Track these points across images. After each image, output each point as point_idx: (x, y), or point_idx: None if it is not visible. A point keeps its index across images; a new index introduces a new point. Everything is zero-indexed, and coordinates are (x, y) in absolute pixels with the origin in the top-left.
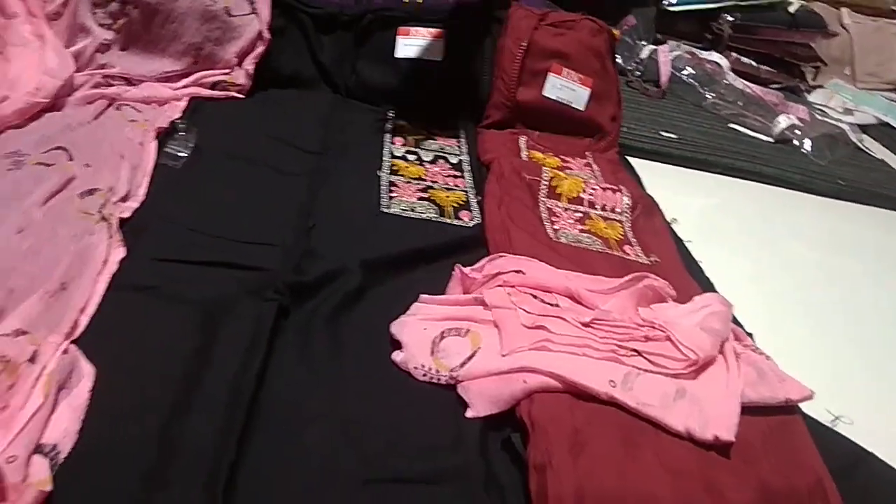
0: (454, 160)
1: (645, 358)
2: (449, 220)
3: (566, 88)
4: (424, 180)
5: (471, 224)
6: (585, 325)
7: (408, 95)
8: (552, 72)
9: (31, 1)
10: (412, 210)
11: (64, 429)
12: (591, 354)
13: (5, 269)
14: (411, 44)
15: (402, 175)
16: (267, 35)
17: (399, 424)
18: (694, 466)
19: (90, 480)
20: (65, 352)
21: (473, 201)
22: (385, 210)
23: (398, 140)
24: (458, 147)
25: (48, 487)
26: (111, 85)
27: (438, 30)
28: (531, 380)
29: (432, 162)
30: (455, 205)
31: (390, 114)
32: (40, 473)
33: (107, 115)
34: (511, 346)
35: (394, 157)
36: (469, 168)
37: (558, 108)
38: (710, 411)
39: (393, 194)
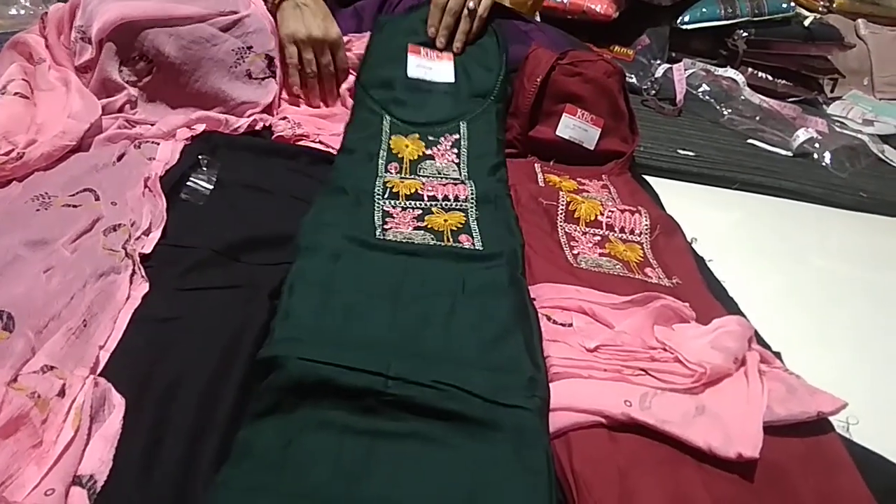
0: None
1: (652, 376)
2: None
3: (579, 128)
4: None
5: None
6: (591, 350)
7: None
8: (567, 112)
9: (58, 52)
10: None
11: (98, 458)
12: (595, 376)
13: (36, 310)
14: None
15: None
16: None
17: None
18: (742, 499)
19: None
20: (95, 384)
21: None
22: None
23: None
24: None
25: None
26: (134, 127)
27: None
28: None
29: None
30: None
31: None
32: None
33: (129, 153)
34: None
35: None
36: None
37: (570, 146)
38: (732, 428)
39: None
